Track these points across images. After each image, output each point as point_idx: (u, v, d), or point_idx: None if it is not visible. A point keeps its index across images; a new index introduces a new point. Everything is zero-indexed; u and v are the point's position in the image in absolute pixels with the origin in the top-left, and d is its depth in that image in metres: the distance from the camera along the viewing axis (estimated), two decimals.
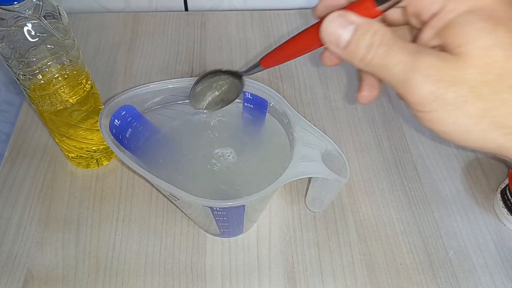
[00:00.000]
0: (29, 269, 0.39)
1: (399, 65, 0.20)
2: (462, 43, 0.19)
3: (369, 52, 0.20)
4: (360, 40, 0.20)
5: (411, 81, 0.19)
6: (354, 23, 0.21)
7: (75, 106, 0.39)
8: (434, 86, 0.19)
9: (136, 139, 0.36)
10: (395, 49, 0.20)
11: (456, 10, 0.19)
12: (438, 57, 0.19)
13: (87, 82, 0.39)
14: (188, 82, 0.36)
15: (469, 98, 0.19)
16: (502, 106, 0.19)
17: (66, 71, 0.36)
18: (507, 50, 0.18)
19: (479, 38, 0.18)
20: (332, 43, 0.21)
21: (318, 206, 0.43)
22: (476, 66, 0.18)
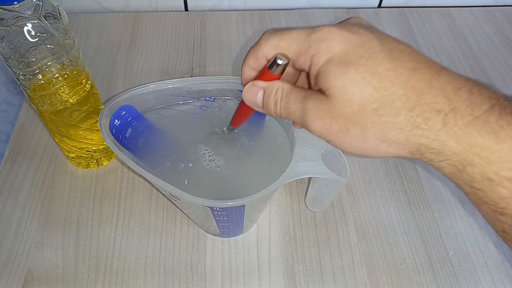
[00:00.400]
0: (29, 269, 0.39)
1: (296, 112, 0.26)
2: (328, 87, 0.24)
3: (277, 107, 0.27)
4: (269, 100, 0.27)
5: (306, 121, 0.25)
6: (262, 87, 0.27)
7: (75, 106, 0.39)
8: (322, 123, 0.24)
9: (136, 139, 0.36)
10: (291, 100, 0.26)
11: (318, 63, 0.24)
12: (318, 100, 0.24)
13: (87, 82, 0.39)
14: (188, 82, 0.36)
15: (348, 125, 0.24)
16: (374, 126, 0.23)
17: (66, 71, 0.36)
18: (358, 85, 0.23)
19: (336, 81, 0.23)
20: (254, 106, 0.28)
21: (318, 206, 0.43)
22: (341, 101, 0.23)
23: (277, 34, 0.26)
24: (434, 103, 0.22)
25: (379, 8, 0.68)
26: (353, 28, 0.25)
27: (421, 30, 0.64)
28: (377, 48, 0.24)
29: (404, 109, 0.23)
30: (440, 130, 0.22)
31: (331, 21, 0.64)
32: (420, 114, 0.23)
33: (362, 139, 0.24)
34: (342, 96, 0.23)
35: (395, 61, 0.23)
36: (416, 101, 0.23)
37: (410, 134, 0.23)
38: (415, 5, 0.68)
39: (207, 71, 0.57)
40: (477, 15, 0.67)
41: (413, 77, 0.23)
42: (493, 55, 0.60)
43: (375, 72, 0.23)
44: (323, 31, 0.24)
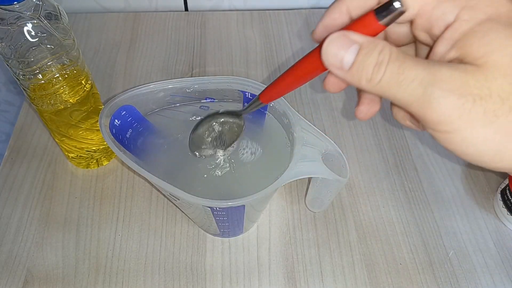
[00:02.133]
0: (29, 269, 0.39)
1: (415, 81, 0.17)
2: (486, 53, 0.17)
3: (379, 71, 0.18)
4: (367, 60, 0.18)
5: (432, 97, 0.17)
6: (358, 42, 0.19)
7: (75, 106, 0.39)
8: (460, 101, 0.17)
9: (136, 139, 0.36)
10: (408, 65, 0.18)
11: (473, 19, 0.18)
12: (459, 69, 0.17)
13: (87, 82, 0.39)
14: (188, 82, 0.36)
15: (500, 111, 0.17)
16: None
17: (66, 71, 0.36)
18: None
19: (505, 45, 0.17)
20: (335, 66, 0.19)
21: (318, 206, 0.43)
22: (505, 75, 0.17)
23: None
24: None
25: None
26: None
27: None
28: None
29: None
30: None
31: None
32: None
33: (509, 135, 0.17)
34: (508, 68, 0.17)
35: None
36: None
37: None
38: None
39: (207, 71, 0.57)
40: None
41: None
42: None
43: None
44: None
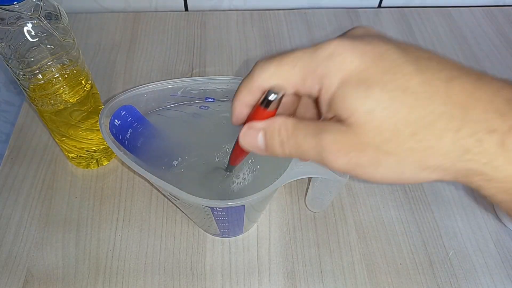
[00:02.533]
0: (29, 269, 0.39)
1: (310, 150, 0.21)
2: (348, 115, 0.20)
3: (284, 148, 0.22)
4: (273, 142, 0.23)
5: (326, 159, 0.21)
6: (261, 129, 0.23)
7: (75, 106, 0.39)
8: (346, 158, 0.20)
9: (136, 139, 0.36)
10: (301, 137, 0.21)
11: (331, 85, 0.20)
12: (337, 131, 0.20)
13: (87, 82, 0.39)
14: (188, 82, 0.36)
15: (380, 157, 0.20)
16: (413, 154, 0.19)
17: (66, 71, 0.36)
18: (388, 107, 0.19)
19: (359, 107, 0.19)
20: (256, 151, 0.24)
21: (318, 206, 0.43)
22: (369, 130, 0.19)
23: (274, 60, 0.22)
24: (484, 121, 0.18)
25: (379, 8, 0.68)
26: (365, 39, 0.20)
27: (421, 30, 0.64)
28: (400, 60, 0.19)
29: (449, 130, 0.19)
30: (495, 154, 0.18)
31: (331, 21, 0.64)
32: (469, 135, 0.18)
33: (399, 169, 0.20)
34: (369, 123, 0.19)
35: (426, 72, 0.19)
36: (463, 120, 0.18)
37: (457, 160, 0.19)
38: (415, 5, 0.68)
39: (207, 71, 0.57)
40: (477, 15, 0.67)
41: (453, 89, 0.19)
42: (493, 55, 0.60)
43: (406, 89, 0.19)
44: (331, 46, 0.20)
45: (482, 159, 0.19)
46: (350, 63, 0.20)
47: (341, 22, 0.64)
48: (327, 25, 0.63)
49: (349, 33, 0.22)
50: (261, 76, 0.22)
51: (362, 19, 0.65)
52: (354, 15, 0.65)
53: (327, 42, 0.20)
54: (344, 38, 0.20)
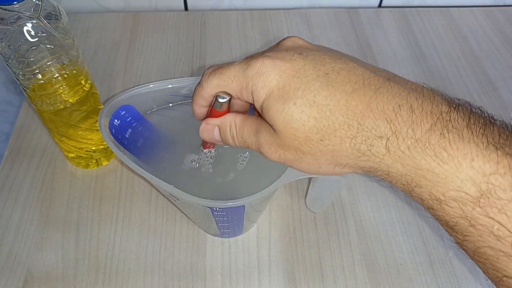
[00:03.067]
0: (29, 269, 0.39)
1: (252, 145, 0.27)
2: (272, 124, 0.25)
3: (235, 141, 0.28)
4: (226, 136, 0.28)
5: (263, 153, 0.27)
6: (215, 125, 0.29)
7: (75, 106, 0.39)
8: (276, 154, 0.26)
9: (136, 139, 0.36)
10: (245, 134, 0.27)
11: (259, 99, 0.25)
12: (269, 133, 0.26)
13: (86, 82, 0.39)
14: (188, 82, 0.36)
15: (300, 155, 0.25)
16: (323, 154, 0.24)
17: (66, 71, 0.36)
18: (299, 120, 0.24)
19: (277, 118, 0.24)
20: (214, 141, 0.30)
21: (318, 207, 0.43)
22: (288, 136, 0.24)
23: (215, 74, 0.26)
24: (375, 128, 0.22)
25: (379, 8, 0.68)
26: (287, 55, 0.25)
27: (421, 30, 0.63)
28: (312, 76, 0.24)
29: (347, 137, 0.23)
30: (385, 155, 0.23)
31: (331, 21, 0.64)
32: (363, 141, 0.23)
33: (316, 165, 0.25)
34: (287, 131, 0.24)
35: (332, 86, 0.23)
36: (358, 128, 0.23)
37: (358, 160, 0.24)
38: (415, 5, 0.68)
39: None
40: (477, 15, 0.66)
41: (352, 102, 0.23)
42: (493, 55, 0.60)
43: (313, 103, 0.23)
44: (257, 64, 0.24)
45: (375, 159, 0.23)
46: (271, 80, 0.24)
47: (341, 21, 0.64)
48: (327, 25, 0.63)
49: (278, 46, 0.27)
50: (208, 86, 0.27)
51: (362, 19, 0.65)
52: (354, 15, 0.65)
53: (254, 60, 0.25)
54: (269, 57, 0.25)
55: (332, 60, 0.25)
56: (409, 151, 0.22)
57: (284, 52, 0.25)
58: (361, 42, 0.61)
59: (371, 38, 0.62)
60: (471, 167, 0.21)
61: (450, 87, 0.56)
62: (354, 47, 0.60)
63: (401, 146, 0.22)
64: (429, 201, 0.23)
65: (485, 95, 0.55)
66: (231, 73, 0.26)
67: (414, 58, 0.59)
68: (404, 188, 0.24)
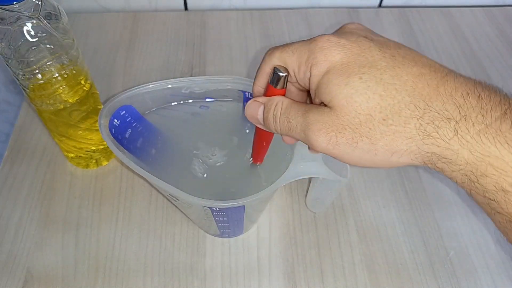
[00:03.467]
0: (29, 269, 0.39)
1: (297, 127, 0.25)
2: (330, 99, 0.23)
3: (276, 122, 0.26)
4: (268, 115, 0.27)
5: (309, 137, 0.24)
6: (262, 103, 0.27)
7: (75, 106, 0.39)
8: (327, 137, 0.23)
9: (136, 139, 0.36)
10: (292, 114, 0.25)
11: (318, 74, 0.24)
12: (321, 112, 0.24)
13: (86, 81, 0.39)
14: (188, 82, 0.36)
15: (356, 138, 0.23)
16: (384, 136, 0.22)
17: (66, 71, 0.36)
18: (363, 94, 0.22)
19: (339, 92, 0.23)
20: (255, 122, 0.28)
21: (318, 207, 0.43)
22: (346, 113, 0.23)
23: (278, 48, 0.26)
24: (443, 110, 0.22)
25: (380, 8, 0.67)
26: (352, 37, 0.24)
27: (421, 30, 0.63)
28: (378, 56, 0.23)
29: (413, 117, 0.22)
30: (452, 139, 0.21)
31: (331, 21, 0.64)
32: (430, 122, 0.22)
33: (372, 151, 0.23)
34: (348, 106, 0.23)
35: (399, 67, 0.23)
36: (425, 109, 0.22)
37: (421, 143, 0.22)
38: (415, 5, 0.68)
39: (207, 71, 0.56)
40: (477, 15, 0.66)
41: (419, 84, 0.22)
42: (494, 55, 0.60)
43: (379, 80, 0.22)
44: (322, 40, 0.24)
45: (441, 142, 0.22)
46: (335, 55, 0.23)
47: (341, 21, 0.64)
48: (327, 25, 0.63)
49: (341, 28, 0.26)
50: (270, 60, 0.26)
51: (363, 19, 0.64)
52: (355, 15, 0.65)
53: (320, 36, 0.24)
54: (334, 35, 0.24)
55: (397, 46, 0.24)
56: (478, 136, 0.21)
57: (349, 34, 0.25)
58: None
59: None
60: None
61: None
62: None
63: (471, 131, 0.21)
64: (493, 192, 0.22)
65: None
66: (294, 46, 0.25)
67: None
68: (466, 179, 0.22)
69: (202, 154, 0.37)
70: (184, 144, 0.38)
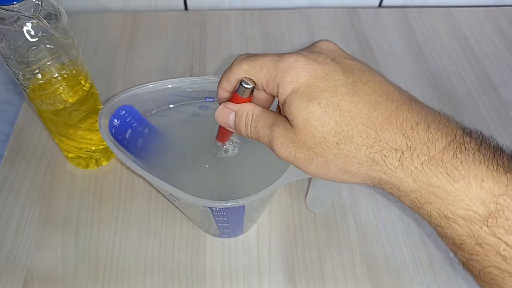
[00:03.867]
0: (29, 269, 0.39)
1: (264, 137, 0.27)
2: (292, 119, 0.25)
3: (247, 130, 0.28)
4: (240, 123, 0.28)
5: (273, 148, 0.26)
6: (233, 110, 0.28)
7: (75, 106, 0.39)
8: (287, 151, 0.26)
9: (136, 139, 0.36)
10: (260, 125, 0.27)
11: (284, 92, 0.25)
12: (284, 128, 0.26)
13: (86, 81, 0.39)
14: (188, 82, 0.36)
15: (312, 155, 0.25)
16: (336, 158, 0.24)
17: (66, 71, 0.36)
18: (320, 119, 0.24)
19: (299, 114, 0.24)
20: (226, 126, 0.29)
21: (318, 207, 0.43)
22: (305, 133, 0.24)
23: (247, 60, 0.27)
24: (392, 141, 0.23)
25: (380, 8, 0.67)
26: (320, 58, 0.25)
27: (421, 30, 0.63)
28: (341, 81, 0.24)
29: (364, 145, 0.24)
30: (397, 168, 0.23)
31: (331, 21, 0.64)
32: (378, 151, 0.23)
33: (325, 168, 0.25)
34: (305, 128, 0.24)
35: (358, 95, 0.24)
36: (375, 138, 0.23)
37: (369, 169, 0.24)
38: (415, 5, 0.68)
39: (207, 70, 0.56)
40: (477, 15, 0.66)
41: (374, 113, 0.24)
42: (493, 55, 0.60)
43: (336, 107, 0.24)
44: (290, 60, 0.25)
45: (387, 170, 0.23)
46: (300, 77, 0.24)
47: (341, 21, 0.64)
48: (327, 25, 0.63)
49: (313, 46, 0.27)
50: (238, 70, 0.27)
51: (362, 19, 0.64)
52: (355, 15, 0.65)
53: (288, 55, 0.25)
54: (303, 55, 0.25)
55: (361, 71, 0.25)
56: (422, 166, 0.22)
57: (318, 54, 0.26)
58: (361, 42, 0.61)
59: (371, 38, 0.62)
60: (481, 187, 0.22)
61: (450, 87, 0.56)
62: (354, 47, 0.60)
63: (415, 161, 0.23)
64: (437, 218, 0.23)
65: (485, 95, 0.55)
66: (263, 62, 0.26)
67: (414, 58, 0.59)
68: (412, 205, 0.24)
69: (201, 154, 0.37)
70: (184, 144, 0.38)
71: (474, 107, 0.54)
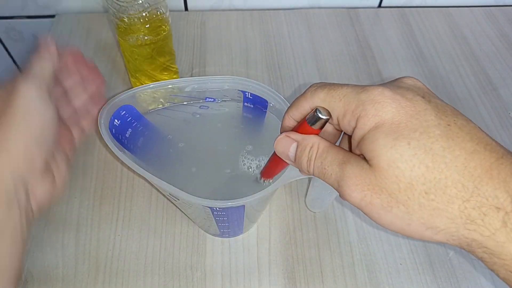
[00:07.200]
0: (29, 269, 0.39)
1: (332, 175, 0.23)
2: (373, 157, 0.21)
3: (310, 165, 0.25)
4: (302, 155, 0.25)
5: (342, 188, 0.23)
6: (296, 141, 0.25)
7: (155, 43, 0.44)
8: (361, 194, 0.22)
9: (136, 139, 0.36)
10: (327, 161, 0.24)
11: (364, 127, 0.22)
12: (360, 167, 0.22)
13: (166, 26, 0.45)
14: (188, 82, 0.36)
15: (392, 203, 0.21)
16: (422, 209, 0.21)
17: (153, 16, 0.43)
18: (408, 162, 0.20)
19: (383, 153, 0.21)
20: (285, 158, 0.26)
21: (318, 206, 0.43)
22: (387, 176, 0.21)
23: (325, 88, 0.24)
24: (493, 197, 0.20)
25: (379, 8, 0.68)
26: (409, 94, 0.22)
27: (421, 30, 0.63)
28: (433, 122, 0.21)
29: (459, 198, 0.20)
30: (498, 230, 0.20)
31: (331, 21, 0.64)
32: (476, 207, 0.20)
33: (406, 220, 0.21)
34: (389, 170, 0.21)
35: (453, 140, 0.21)
36: (473, 192, 0.20)
37: (462, 227, 0.20)
38: (415, 5, 0.68)
39: (207, 71, 0.56)
40: (477, 15, 0.66)
41: (472, 162, 0.20)
42: (493, 55, 0.60)
43: (429, 150, 0.21)
44: (375, 92, 0.22)
45: (485, 231, 0.20)
46: (386, 112, 0.21)
47: (341, 21, 0.64)
48: (327, 25, 0.63)
49: (397, 81, 0.24)
50: (313, 98, 0.24)
51: (362, 19, 0.65)
52: (354, 15, 0.65)
53: (373, 88, 0.22)
54: (389, 88, 0.22)
55: (454, 114, 0.22)
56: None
57: (405, 89, 0.23)
58: (361, 42, 0.61)
59: (371, 38, 0.62)
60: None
61: (450, 87, 0.56)
62: (354, 47, 0.60)
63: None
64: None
65: (485, 95, 0.55)
66: (342, 92, 0.23)
67: (414, 58, 0.59)
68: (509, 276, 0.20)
69: (201, 153, 0.37)
70: (184, 144, 0.38)
71: (473, 107, 0.54)
